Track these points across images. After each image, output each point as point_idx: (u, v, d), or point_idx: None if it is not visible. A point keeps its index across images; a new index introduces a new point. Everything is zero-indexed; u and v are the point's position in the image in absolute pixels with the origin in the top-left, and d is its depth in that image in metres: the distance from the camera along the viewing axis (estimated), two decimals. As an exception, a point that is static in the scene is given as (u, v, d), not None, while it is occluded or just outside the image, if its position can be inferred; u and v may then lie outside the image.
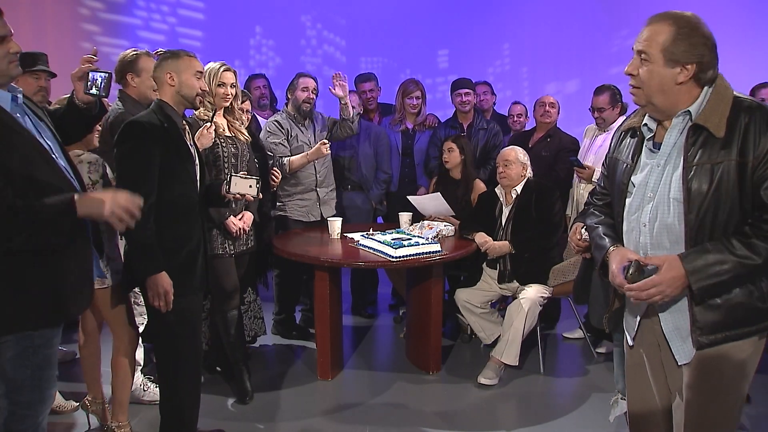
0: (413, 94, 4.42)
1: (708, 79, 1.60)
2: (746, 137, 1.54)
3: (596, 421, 2.97)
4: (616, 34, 5.65)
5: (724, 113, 1.57)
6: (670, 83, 1.59)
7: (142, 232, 2.19)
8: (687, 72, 1.58)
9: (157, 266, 2.24)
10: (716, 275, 1.54)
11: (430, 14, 6.45)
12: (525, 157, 3.67)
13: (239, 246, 3.18)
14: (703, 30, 1.59)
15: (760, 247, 1.52)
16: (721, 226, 1.57)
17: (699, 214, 1.57)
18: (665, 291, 1.57)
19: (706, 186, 1.56)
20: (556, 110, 4.25)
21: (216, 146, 3.06)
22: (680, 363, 1.68)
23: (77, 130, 2.25)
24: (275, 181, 3.61)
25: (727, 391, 1.65)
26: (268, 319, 4.04)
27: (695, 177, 1.57)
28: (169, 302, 2.26)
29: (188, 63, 2.40)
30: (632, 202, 1.72)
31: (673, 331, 1.68)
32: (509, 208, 3.64)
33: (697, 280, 1.54)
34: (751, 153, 1.53)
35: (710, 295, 1.59)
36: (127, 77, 2.95)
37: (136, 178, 2.21)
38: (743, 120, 1.55)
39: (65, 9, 5.39)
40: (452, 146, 3.96)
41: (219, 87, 3.08)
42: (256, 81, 4.79)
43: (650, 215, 1.67)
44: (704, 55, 1.57)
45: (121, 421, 2.69)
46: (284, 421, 3.00)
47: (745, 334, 1.61)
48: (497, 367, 3.40)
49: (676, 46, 1.57)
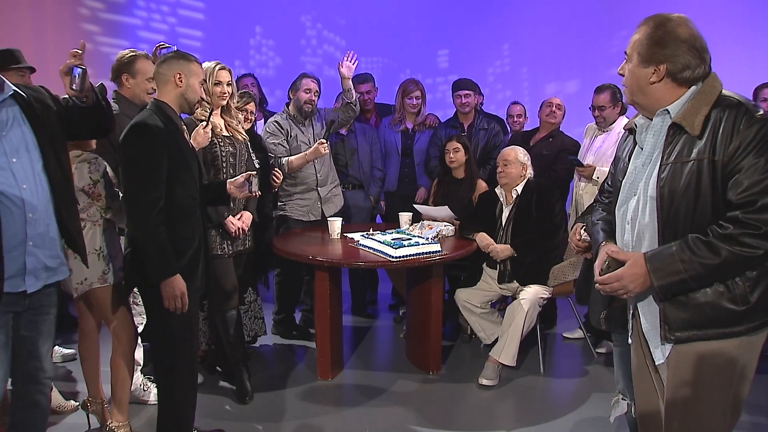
0: (413, 94, 4.43)
1: (687, 79, 1.62)
2: (718, 135, 1.55)
3: (596, 421, 2.97)
4: (616, 34, 5.65)
5: (703, 112, 1.58)
6: (645, 82, 1.65)
7: (155, 236, 2.20)
8: (659, 72, 1.62)
9: (172, 269, 2.24)
10: (676, 273, 1.55)
11: (430, 14, 6.45)
12: (525, 157, 3.67)
13: (237, 246, 3.18)
14: (679, 31, 1.61)
15: (719, 247, 1.52)
16: (690, 226, 1.58)
17: (670, 213, 1.59)
18: (627, 286, 1.62)
19: (678, 184, 1.58)
20: (562, 113, 4.25)
21: (214, 146, 3.06)
22: (657, 362, 1.69)
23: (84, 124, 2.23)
24: (276, 181, 3.61)
25: (707, 395, 1.62)
26: (268, 319, 4.04)
27: (668, 175, 1.60)
28: (185, 305, 2.27)
29: (198, 69, 2.41)
30: (620, 200, 1.76)
31: (650, 330, 1.70)
32: (510, 208, 3.64)
33: (658, 278, 1.57)
34: (722, 151, 1.54)
35: (673, 293, 1.60)
36: (123, 78, 2.95)
37: (145, 182, 2.21)
38: (719, 118, 1.56)
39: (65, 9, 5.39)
40: (458, 146, 3.97)
41: (216, 86, 3.08)
42: (243, 80, 4.79)
43: (632, 213, 1.70)
44: (677, 56, 1.60)
45: (121, 421, 2.69)
46: (284, 421, 3.00)
47: (717, 335, 1.58)
48: (496, 367, 3.39)
49: (647, 47, 1.63)
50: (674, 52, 1.60)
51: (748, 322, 1.57)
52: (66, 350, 3.68)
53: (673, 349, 1.64)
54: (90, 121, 2.19)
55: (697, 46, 1.61)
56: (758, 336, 1.61)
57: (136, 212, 2.23)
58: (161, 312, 2.29)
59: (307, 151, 3.79)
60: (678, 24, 1.62)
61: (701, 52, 1.61)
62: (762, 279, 1.56)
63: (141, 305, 2.84)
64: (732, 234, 1.51)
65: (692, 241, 1.55)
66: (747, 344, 1.60)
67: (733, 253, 1.51)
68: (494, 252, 3.53)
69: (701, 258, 1.53)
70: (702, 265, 1.53)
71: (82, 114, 2.16)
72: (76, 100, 2.13)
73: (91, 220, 2.59)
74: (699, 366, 1.61)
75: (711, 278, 1.56)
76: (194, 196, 2.39)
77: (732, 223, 1.52)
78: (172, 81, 2.35)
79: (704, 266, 1.53)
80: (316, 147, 3.72)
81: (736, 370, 1.61)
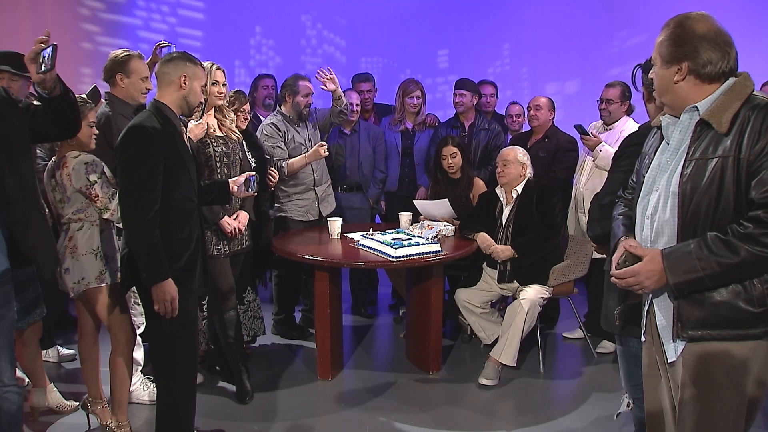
0: (413, 94, 4.43)
1: (711, 75, 1.60)
2: (745, 133, 1.53)
3: (596, 421, 2.97)
4: (617, 34, 5.64)
5: (732, 110, 1.56)
6: (669, 83, 1.64)
7: (149, 240, 2.20)
8: (682, 71, 1.61)
9: (164, 273, 2.23)
10: (692, 272, 1.53)
11: (430, 14, 6.44)
12: (525, 157, 3.67)
13: (234, 246, 3.18)
14: (697, 28, 1.60)
15: (738, 247, 1.50)
16: (711, 224, 1.56)
17: (691, 209, 1.58)
18: (643, 282, 1.61)
19: (701, 181, 1.56)
20: (544, 111, 4.13)
21: (207, 146, 3.06)
22: (669, 360, 1.68)
23: (61, 121, 2.21)
24: (272, 181, 3.61)
25: (718, 396, 1.59)
26: (268, 318, 4.04)
27: (692, 171, 1.58)
28: (175, 309, 2.27)
29: (201, 73, 2.40)
30: (642, 194, 1.75)
31: (665, 326, 1.68)
32: (510, 208, 3.64)
33: (674, 275, 1.56)
34: (748, 149, 1.52)
35: (688, 291, 1.58)
36: (117, 77, 2.93)
37: (141, 186, 2.21)
38: (747, 117, 1.55)
39: (65, 9, 5.38)
40: (455, 151, 3.98)
41: (213, 86, 3.08)
42: (264, 80, 4.82)
43: (652, 209, 1.69)
44: (697, 53, 1.59)
45: (121, 421, 2.69)
46: (284, 421, 2.99)
47: (731, 336, 1.56)
48: (496, 367, 3.39)
49: (667, 47, 1.63)
50: (693, 49, 1.59)
51: (766, 325, 1.54)
52: (66, 350, 3.68)
53: (686, 348, 1.62)
54: (57, 118, 2.16)
55: (718, 41, 1.59)
56: None
57: (131, 215, 2.23)
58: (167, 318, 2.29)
59: (307, 153, 3.81)
60: (696, 21, 1.61)
61: (723, 47, 1.59)
62: None
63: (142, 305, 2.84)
64: (752, 233, 1.49)
65: (711, 239, 1.53)
66: (764, 348, 1.57)
67: (752, 253, 1.49)
68: (495, 253, 3.53)
69: (719, 257, 1.51)
70: (719, 264, 1.51)
71: (49, 108, 2.13)
72: (42, 92, 2.10)
73: (88, 221, 2.59)
74: (711, 366, 1.59)
75: (728, 278, 1.54)
76: (192, 198, 2.39)
77: (753, 223, 1.49)
78: (176, 82, 2.34)
79: (722, 265, 1.51)
80: (316, 149, 3.74)
81: (751, 373, 1.58)
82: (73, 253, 2.56)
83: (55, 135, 2.32)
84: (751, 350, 1.56)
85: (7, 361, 2.08)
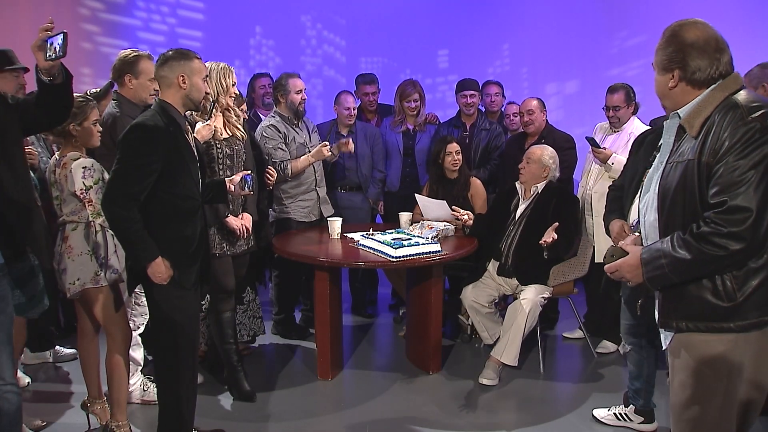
0: (411, 98, 4.41)
1: (701, 80, 1.66)
2: (709, 137, 1.59)
3: (596, 421, 2.97)
4: (616, 35, 5.64)
5: (705, 114, 1.63)
6: (665, 88, 1.73)
7: (128, 227, 2.22)
8: (674, 78, 1.69)
9: (153, 254, 2.25)
10: (659, 268, 1.63)
11: (430, 14, 6.44)
12: (552, 160, 3.65)
13: (240, 246, 3.18)
14: (686, 36, 1.66)
15: (691, 246, 1.57)
16: (683, 224, 1.63)
17: (667, 209, 1.67)
18: (624, 275, 1.76)
19: (674, 183, 1.65)
20: (537, 114, 4.09)
21: (211, 148, 3.05)
22: (663, 347, 1.77)
23: (55, 109, 2.23)
24: (270, 179, 3.61)
25: (702, 386, 1.65)
26: (268, 318, 4.04)
27: (668, 175, 1.67)
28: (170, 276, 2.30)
29: (199, 66, 2.39)
30: (642, 194, 1.87)
31: (657, 318, 1.77)
32: (526, 204, 3.66)
33: (646, 271, 1.67)
34: (709, 152, 1.58)
35: (659, 285, 1.69)
36: (125, 78, 2.93)
37: (129, 178, 2.22)
38: (713, 120, 1.60)
39: (65, 9, 5.37)
40: (459, 149, 4.00)
41: (233, 86, 3.10)
42: (260, 80, 4.83)
43: (644, 210, 1.80)
44: (686, 60, 1.65)
45: (121, 421, 2.69)
46: (284, 421, 2.99)
47: (707, 329, 1.63)
48: (497, 367, 3.40)
49: (660, 55, 1.72)
50: (682, 56, 1.66)
51: (739, 319, 1.59)
52: (66, 350, 3.68)
53: (674, 337, 1.71)
54: (51, 105, 2.18)
55: (706, 48, 1.64)
56: (755, 335, 1.61)
57: (114, 200, 2.23)
58: (165, 311, 2.30)
59: (310, 154, 3.81)
60: (687, 29, 1.67)
61: (713, 53, 1.64)
62: (751, 277, 1.58)
63: (143, 305, 2.84)
64: (703, 233, 1.56)
65: (675, 237, 1.62)
66: (743, 341, 1.61)
67: (701, 252, 1.56)
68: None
69: (677, 255, 1.60)
70: (678, 261, 1.60)
71: (47, 94, 2.14)
72: (46, 79, 2.12)
73: (83, 222, 2.58)
74: (694, 356, 1.66)
75: (688, 274, 1.62)
76: (194, 197, 2.39)
77: (705, 223, 1.57)
78: (175, 83, 2.34)
79: (680, 262, 1.59)
80: (319, 149, 3.74)
81: (730, 366, 1.63)
82: (69, 254, 2.56)
83: (44, 124, 2.33)
84: (731, 342, 1.62)
85: (8, 358, 2.08)
